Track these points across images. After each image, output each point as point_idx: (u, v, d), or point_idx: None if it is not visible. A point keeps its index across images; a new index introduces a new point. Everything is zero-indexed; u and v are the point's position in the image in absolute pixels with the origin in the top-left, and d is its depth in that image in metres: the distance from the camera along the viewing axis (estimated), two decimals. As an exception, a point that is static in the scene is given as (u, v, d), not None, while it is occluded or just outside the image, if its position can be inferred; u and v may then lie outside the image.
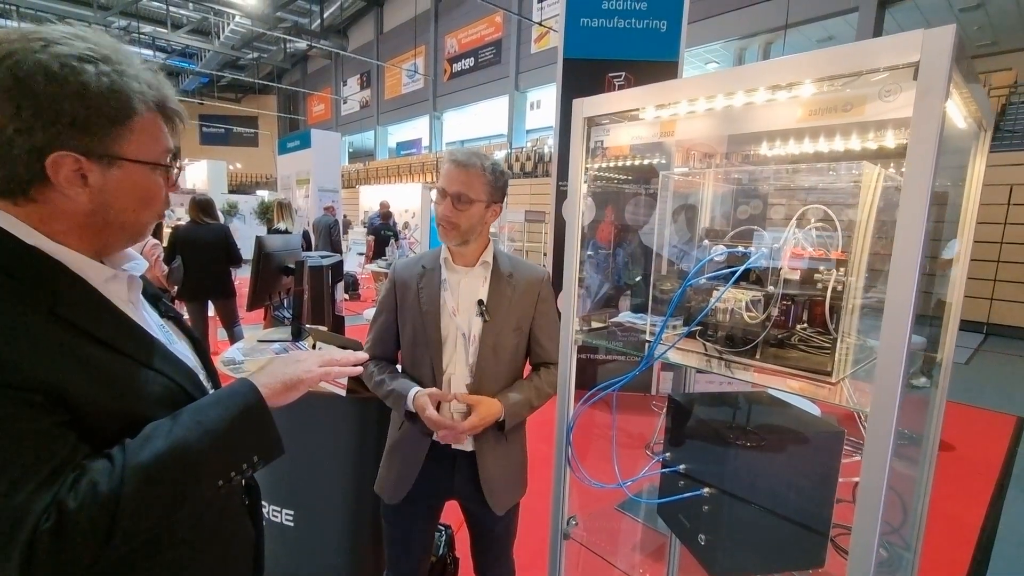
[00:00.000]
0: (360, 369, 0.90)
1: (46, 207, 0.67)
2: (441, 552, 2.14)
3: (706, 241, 0.95)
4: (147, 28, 19.98)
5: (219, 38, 20.13)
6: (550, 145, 12.19)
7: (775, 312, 0.83)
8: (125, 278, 0.76)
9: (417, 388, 1.35)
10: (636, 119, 1.23)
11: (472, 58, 17.41)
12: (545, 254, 8.09)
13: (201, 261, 4.26)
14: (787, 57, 0.65)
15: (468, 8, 16.99)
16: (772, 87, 0.69)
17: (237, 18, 17.94)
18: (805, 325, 0.86)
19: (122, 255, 0.81)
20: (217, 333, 4.89)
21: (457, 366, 1.38)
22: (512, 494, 1.46)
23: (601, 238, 1.95)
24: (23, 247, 0.66)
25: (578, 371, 1.47)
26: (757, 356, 0.86)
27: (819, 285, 0.81)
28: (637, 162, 1.47)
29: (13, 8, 16.82)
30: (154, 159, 0.71)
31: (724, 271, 0.86)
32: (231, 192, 14.78)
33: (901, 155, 0.58)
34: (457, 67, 18.08)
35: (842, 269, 0.78)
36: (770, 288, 0.84)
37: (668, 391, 1.38)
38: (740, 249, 0.87)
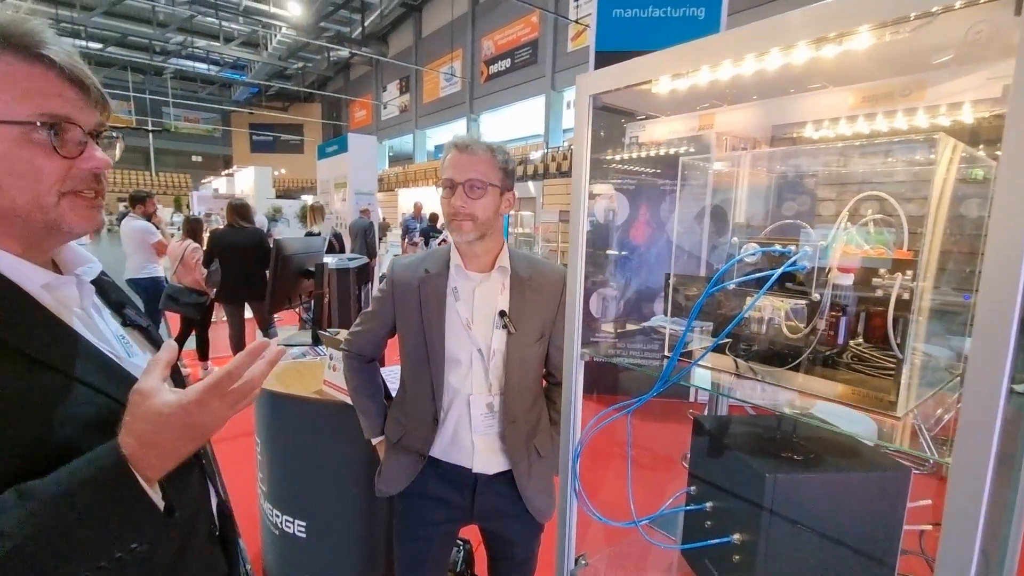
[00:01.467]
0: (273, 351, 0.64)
1: None
2: (460, 568, 2.05)
3: (735, 239, 0.80)
4: (201, 43, 21.06)
5: (267, 49, 20.94)
6: (587, 144, 11.92)
7: (822, 324, 0.68)
8: (72, 283, 0.68)
9: (381, 438, 1.39)
10: (653, 98, 1.09)
11: (508, 59, 17.37)
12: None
13: (238, 264, 4.35)
14: None
15: (504, 10, 16.96)
16: (818, 40, 0.54)
17: (283, 29, 18.60)
18: (860, 340, 0.70)
19: (74, 257, 0.72)
20: (256, 334, 5.00)
21: (475, 385, 1.25)
22: (550, 504, 1.36)
23: (635, 238, 1.81)
24: None
25: (597, 377, 1.34)
26: (799, 378, 0.71)
27: (879, 291, 0.65)
28: (658, 152, 1.33)
29: (81, 27, 18.06)
30: (10, 118, 0.56)
31: (758, 274, 0.71)
32: (277, 197, 15.30)
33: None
34: (494, 69, 18.09)
35: (908, 272, 0.61)
36: (815, 295, 0.68)
37: (723, 395, 1.23)
38: (777, 248, 0.71)
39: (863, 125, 0.88)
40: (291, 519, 1.88)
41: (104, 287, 0.78)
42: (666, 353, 0.85)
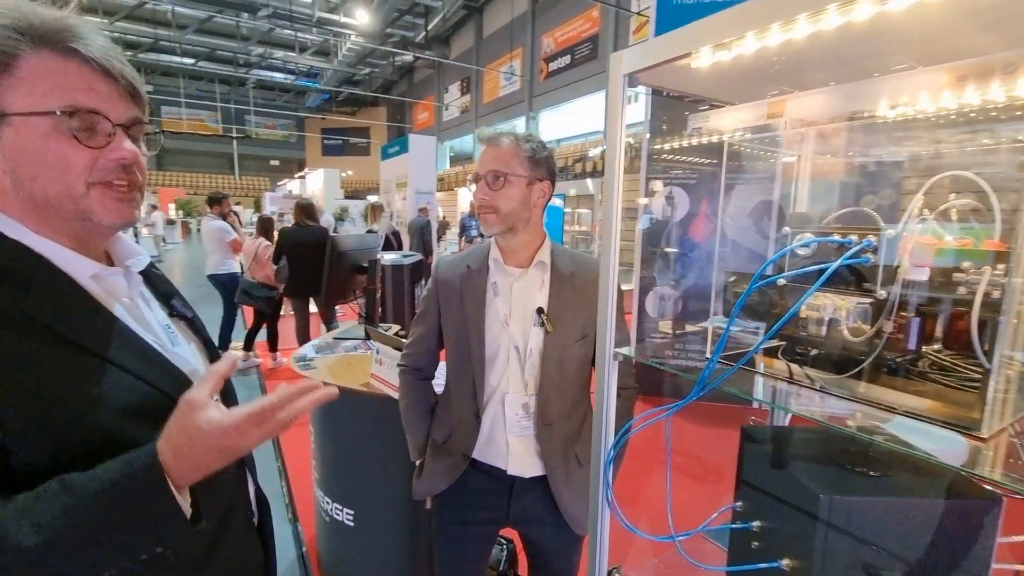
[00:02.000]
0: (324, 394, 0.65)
1: None
2: (502, 568, 2.03)
3: (787, 228, 0.72)
4: (279, 53, 22.47)
5: (337, 57, 21.99)
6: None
7: (888, 327, 0.59)
8: (120, 274, 0.71)
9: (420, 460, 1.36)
10: (717, 84, 1.02)
11: (568, 55, 17.19)
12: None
13: (303, 260, 4.57)
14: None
15: (565, 6, 16.81)
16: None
17: (352, 37, 19.44)
18: (939, 346, 0.60)
19: (125, 249, 0.76)
20: (320, 328, 5.25)
21: (511, 383, 1.21)
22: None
23: (695, 234, 1.71)
24: (4, 241, 0.62)
25: (641, 377, 1.27)
26: (860, 387, 0.62)
27: (961, 289, 0.55)
28: (720, 142, 1.24)
29: (177, 45, 19.77)
30: (39, 109, 0.58)
31: (812, 267, 0.63)
32: (346, 197, 16.03)
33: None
34: (553, 66, 17.98)
35: (1000, 266, 0.52)
36: (881, 293, 0.59)
37: (769, 404, 1.12)
38: (835, 238, 0.63)
39: (950, 101, 0.76)
40: (340, 507, 1.93)
41: (153, 279, 0.82)
42: (707, 355, 0.77)
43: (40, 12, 0.59)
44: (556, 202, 8.86)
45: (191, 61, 22.57)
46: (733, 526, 0.82)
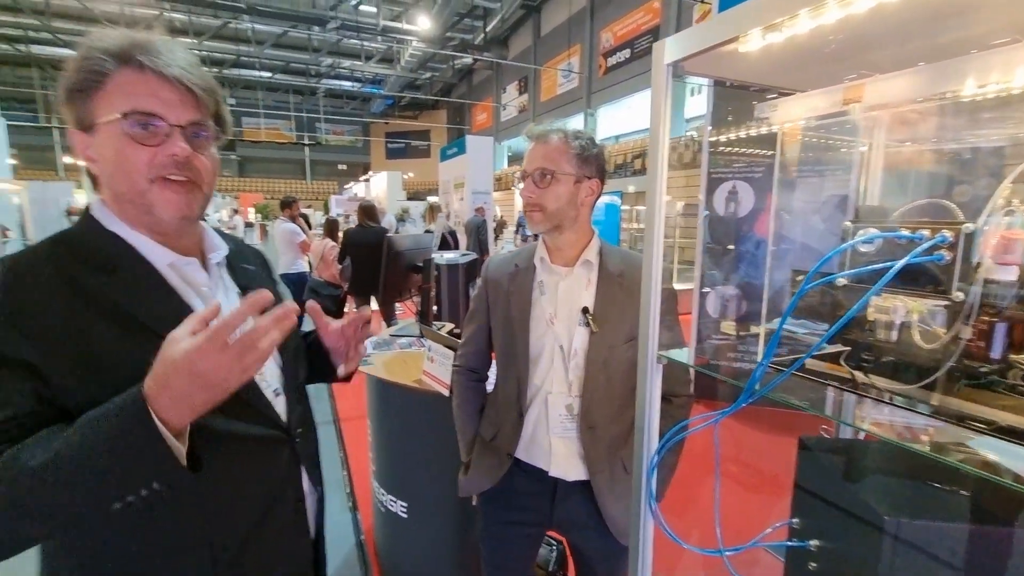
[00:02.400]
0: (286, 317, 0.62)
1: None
2: (551, 568, 2.02)
3: (848, 223, 0.66)
4: (346, 63, 23.57)
5: (400, 63, 22.73)
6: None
7: (967, 332, 0.52)
8: (195, 263, 0.78)
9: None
10: (787, 70, 0.96)
11: (628, 49, 16.79)
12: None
13: (365, 260, 4.76)
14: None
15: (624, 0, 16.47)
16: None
17: (414, 43, 20.04)
18: (1031, 355, 0.53)
19: (210, 242, 0.84)
20: (381, 325, 5.45)
21: (555, 383, 1.20)
22: None
23: (761, 231, 1.62)
24: (100, 231, 0.72)
25: (700, 381, 1.21)
26: (934, 399, 0.56)
27: (1058, 290, 0.48)
28: (789, 133, 1.16)
29: (256, 60, 21.20)
30: (115, 115, 0.67)
31: (877, 265, 0.57)
32: (408, 199, 16.56)
33: None
34: (612, 60, 17.63)
35: (1109, 263, 0.44)
36: (958, 295, 0.53)
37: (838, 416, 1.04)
38: (904, 233, 0.57)
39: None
40: (394, 499, 2.00)
41: (237, 271, 0.89)
42: (759, 359, 0.72)
43: (126, 35, 0.68)
44: (613, 200, 8.67)
45: (268, 74, 24.16)
46: (788, 543, 0.76)
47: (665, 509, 1.19)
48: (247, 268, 0.91)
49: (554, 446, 1.21)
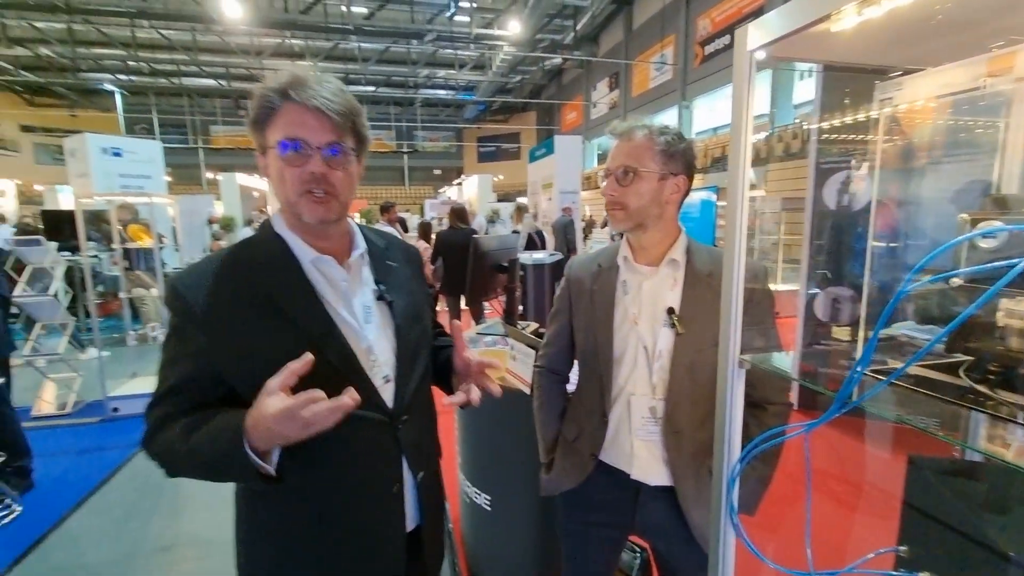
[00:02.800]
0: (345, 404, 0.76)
1: None
2: (634, 575, 1.97)
3: (964, 215, 0.58)
4: (441, 72, 24.66)
5: (491, 69, 23.32)
6: (825, 118, 10.05)
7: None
8: (332, 261, 0.91)
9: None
10: (916, 43, 0.87)
11: (727, 36, 15.76)
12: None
13: (455, 261, 4.97)
14: None
15: (724, -18, 15.49)
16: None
17: (505, 48, 20.45)
18: None
19: (351, 242, 0.98)
20: (470, 322, 5.65)
21: (638, 385, 1.18)
22: None
23: (880, 225, 1.47)
24: (271, 234, 0.90)
25: (799, 388, 1.12)
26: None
27: None
28: (919, 115, 1.06)
29: (361, 76, 22.88)
30: (275, 142, 0.83)
31: (1001, 263, 0.50)
32: (499, 200, 16.95)
33: None
34: (710, 49, 16.67)
35: None
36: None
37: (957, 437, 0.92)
38: (1035, 225, 0.49)
39: None
40: (478, 492, 2.07)
41: (377, 269, 1.00)
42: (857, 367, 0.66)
43: (289, 74, 0.82)
44: (709, 195, 8.20)
45: (372, 88, 26.00)
46: (893, 574, 0.68)
47: (757, 523, 1.12)
48: (390, 264, 1.02)
49: (636, 449, 1.19)
